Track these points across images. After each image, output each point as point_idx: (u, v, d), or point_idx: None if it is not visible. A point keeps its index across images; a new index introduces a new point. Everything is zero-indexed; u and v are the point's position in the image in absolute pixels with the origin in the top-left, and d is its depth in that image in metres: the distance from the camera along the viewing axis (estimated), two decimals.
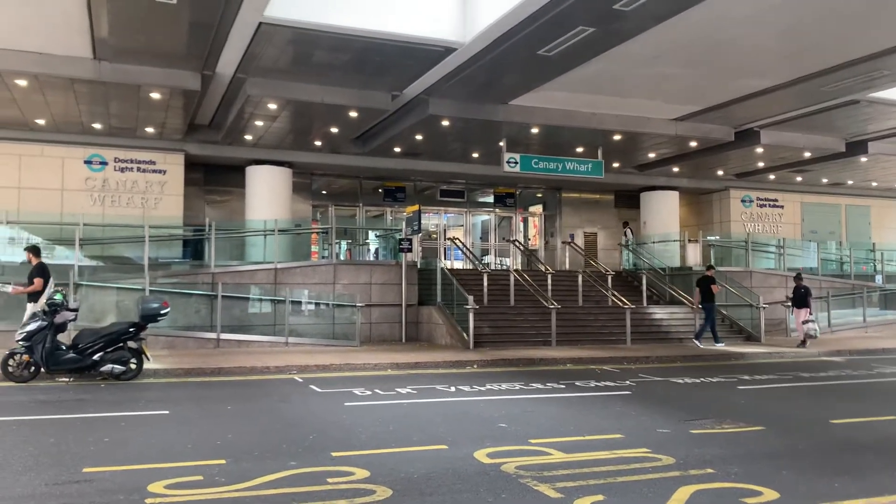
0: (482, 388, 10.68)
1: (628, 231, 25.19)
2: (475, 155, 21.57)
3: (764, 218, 26.98)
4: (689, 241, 23.14)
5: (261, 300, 16.53)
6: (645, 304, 20.01)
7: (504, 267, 24.64)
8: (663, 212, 25.32)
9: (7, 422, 7.79)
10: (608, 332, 17.91)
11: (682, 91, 16.20)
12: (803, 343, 17.21)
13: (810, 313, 17.60)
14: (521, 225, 26.92)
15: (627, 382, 11.61)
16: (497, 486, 5.50)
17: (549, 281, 19.05)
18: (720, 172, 24.59)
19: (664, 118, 18.46)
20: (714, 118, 18.43)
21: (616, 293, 19.28)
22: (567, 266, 24.55)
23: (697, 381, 11.96)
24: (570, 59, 13.52)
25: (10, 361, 10.67)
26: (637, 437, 7.32)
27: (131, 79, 14.58)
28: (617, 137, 19.02)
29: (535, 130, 18.23)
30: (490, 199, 26.18)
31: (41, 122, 17.74)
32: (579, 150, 20.11)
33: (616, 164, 22.50)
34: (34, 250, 12.39)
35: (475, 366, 13.46)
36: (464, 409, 9.06)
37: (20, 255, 16.61)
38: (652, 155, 21.71)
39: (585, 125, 17.96)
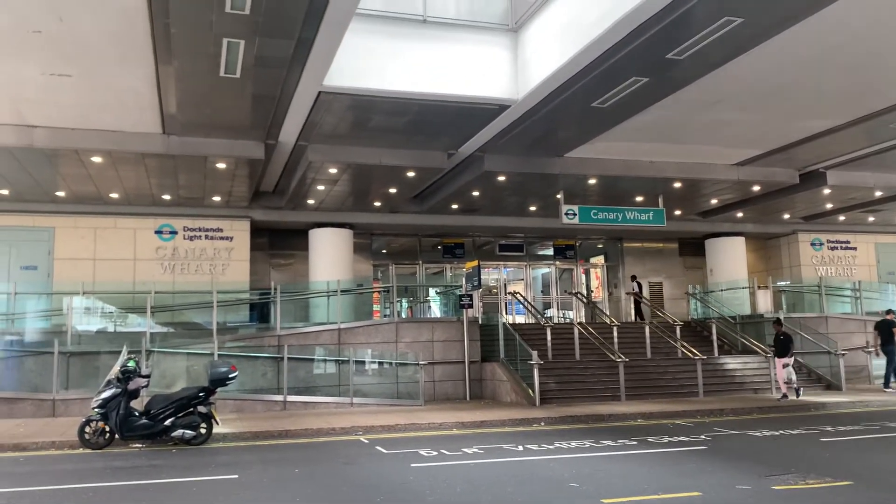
0: (550, 447, 10.43)
1: (635, 285, 24.59)
2: (533, 208, 21.57)
3: (836, 261, 26.01)
4: (759, 287, 22.43)
5: (325, 361, 16.65)
6: (716, 354, 19.38)
7: (567, 320, 24.30)
8: (730, 258, 24.68)
9: (84, 489, 7.96)
10: (679, 384, 17.36)
11: (743, 135, 15.95)
12: (785, 396, 16.10)
13: (785, 366, 16.41)
14: (583, 277, 26.60)
15: (702, 437, 11.17)
16: None
17: (615, 333, 18.66)
18: (787, 216, 23.92)
19: (725, 163, 18.16)
20: (777, 161, 18.02)
21: (685, 344, 18.73)
22: (632, 317, 24.04)
23: (777, 433, 11.43)
24: (624, 109, 13.51)
25: (87, 428, 10.95)
26: (716, 495, 7.00)
27: (198, 151, 15.19)
28: (677, 185, 18.77)
29: (592, 181, 18.15)
30: (550, 251, 26.03)
31: (114, 195, 18.59)
32: (639, 198, 19.91)
33: (678, 212, 22.16)
34: None
35: (542, 423, 13.18)
36: (532, 468, 8.84)
37: (96, 325, 17.33)
38: (714, 201, 21.32)
39: (644, 174, 17.80)
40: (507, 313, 24.48)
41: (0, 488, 7.99)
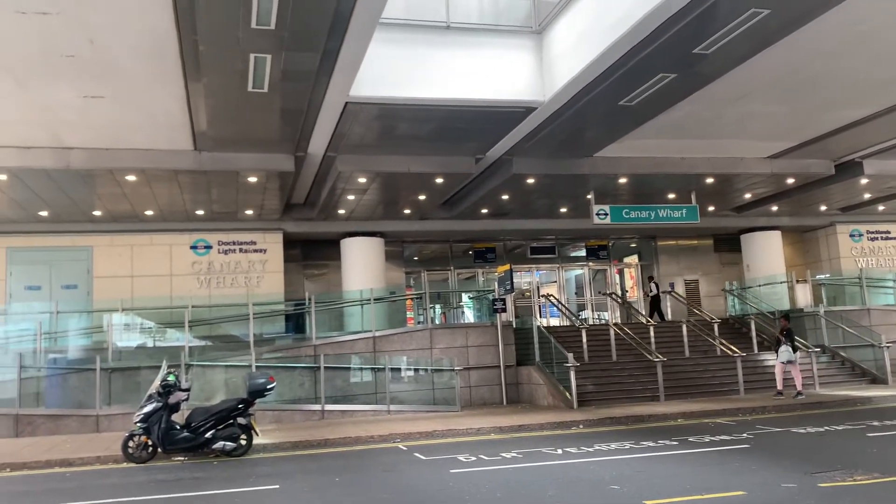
0: (590, 449, 10.34)
1: (653, 286, 24.23)
2: (563, 210, 21.46)
3: (877, 252, 25.42)
4: (798, 281, 22.03)
5: (361, 369, 16.72)
6: (756, 350, 19.07)
7: (602, 321, 24.11)
8: (766, 253, 24.28)
9: (130, 502, 8.09)
10: (718, 382, 17.11)
11: (774, 128, 15.71)
12: (799, 394, 15.52)
13: (788, 361, 15.88)
14: (617, 277, 26.36)
15: (745, 435, 10.99)
16: None
17: (652, 333, 18.47)
18: (823, 208, 23.46)
19: (758, 157, 17.88)
20: (811, 152, 17.70)
21: (724, 341, 18.46)
22: (669, 316, 23.78)
23: (821, 429, 11.20)
24: (652, 106, 13.39)
25: (130, 443, 11.13)
26: (761, 494, 6.88)
27: (230, 166, 15.39)
28: (710, 180, 18.52)
29: (623, 180, 18.00)
30: (582, 252, 25.86)
31: (149, 212, 18.93)
32: (671, 196, 19.69)
33: (711, 208, 21.85)
34: None
35: (581, 426, 13.08)
36: (572, 471, 8.77)
37: (136, 340, 17.63)
38: (748, 195, 20.99)
39: (675, 171, 17.60)
40: (540, 316, 24.37)
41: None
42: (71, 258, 19.42)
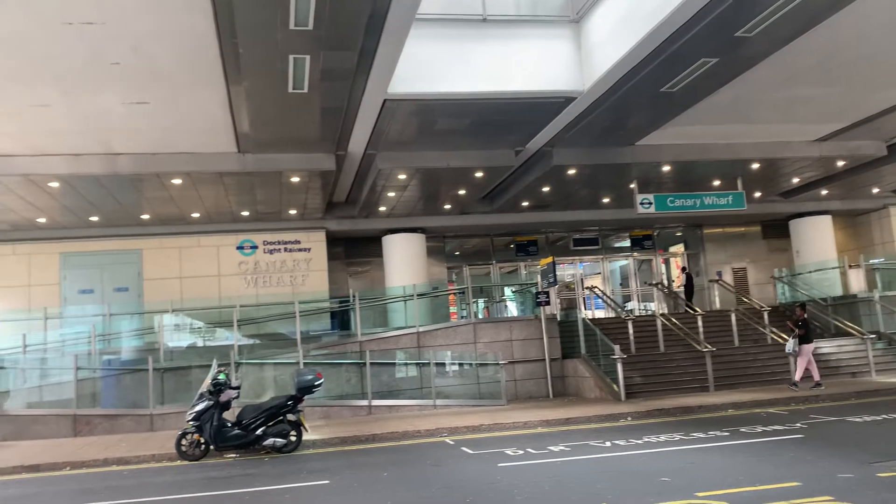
0: (639, 442, 10.22)
1: (685, 276, 23.69)
2: (606, 200, 21.24)
3: None
4: (850, 266, 21.42)
5: (406, 364, 16.81)
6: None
7: (649, 312, 23.81)
8: (816, 238, 23.65)
9: (185, 499, 8.28)
10: (770, 371, 16.76)
11: (822, 110, 15.28)
12: (818, 385, 15.09)
13: (794, 336, 15.46)
14: (663, 267, 26.00)
15: (798, 425, 10.75)
16: None
17: (700, 322, 18.18)
18: (876, 190, 22.76)
19: (805, 140, 17.43)
20: (861, 134, 17.18)
21: (774, 330, 18.07)
22: (717, 305, 23.37)
23: (878, 418, 10.89)
24: (695, 92, 13.15)
25: (183, 441, 11.38)
26: (817, 484, 6.71)
27: (273, 166, 15.59)
28: (756, 166, 18.13)
29: (666, 168, 17.72)
30: (626, 243, 25.55)
31: (196, 215, 19.30)
32: (717, 182, 19.32)
33: (758, 194, 21.38)
34: None
35: (629, 418, 12.94)
36: (621, 464, 8.69)
37: (186, 340, 18.02)
38: (796, 180, 20.48)
39: (720, 157, 17.26)
40: (585, 308, 24.18)
41: (109, 501, 8.39)
42: (122, 261, 19.94)
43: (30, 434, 14.41)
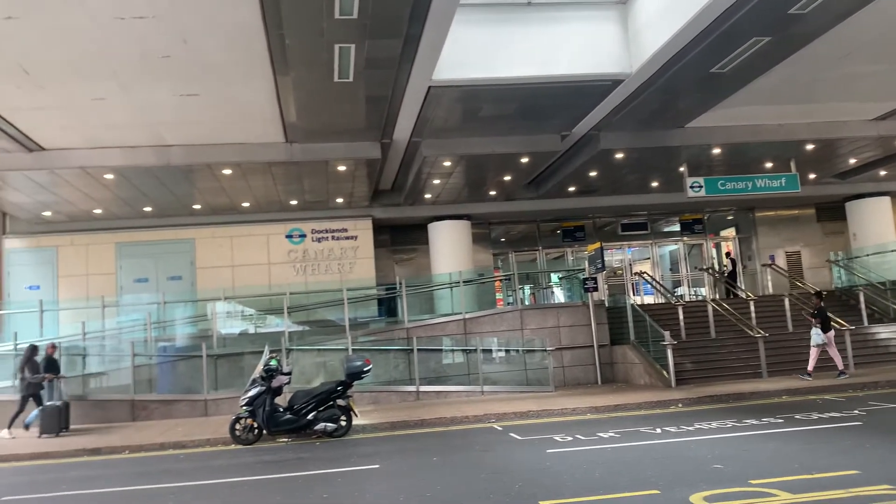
0: (690, 428, 10.09)
1: (729, 263, 23.01)
2: (655, 184, 20.91)
3: None
4: None
5: (453, 351, 16.88)
6: (865, 323, 18.12)
7: (699, 297, 23.42)
8: (875, 221, 22.92)
9: (240, 482, 8.48)
10: (826, 357, 16.26)
11: (879, 88, 14.74)
12: (842, 373, 14.69)
13: (816, 325, 15.00)
14: (714, 251, 25.51)
15: (856, 412, 10.48)
16: None
17: (752, 308, 17.82)
18: None
19: (862, 119, 16.86)
20: None
21: (830, 315, 17.57)
22: (770, 290, 22.86)
23: None
24: (746, 72, 12.82)
25: (237, 426, 11.64)
26: (875, 473, 6.54)
27: (320, 156, 15.76)
28: (810, 147, 17.62)
29: (717, 151, 17.36)
30: (676, 227, 25.13)
31: (246, 204, 19.64)
32: (769, 164, 18.86)
33: (813, 175, 20.79)
34: None
35: (679, 405, 12.78)
36: (672, 450, 8.59)
37: (238, 327, 18.41)
38: (853, 160, 19.84)
39: (773, 138, 16.83)
40: (634, 294, 23.90)
41: (167, 483, 8.65)
42: (175, 251, 20.45)
43: (92, 418, 14.91)
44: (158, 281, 20.26)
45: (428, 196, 20.19)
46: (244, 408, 11.64)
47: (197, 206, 19.52)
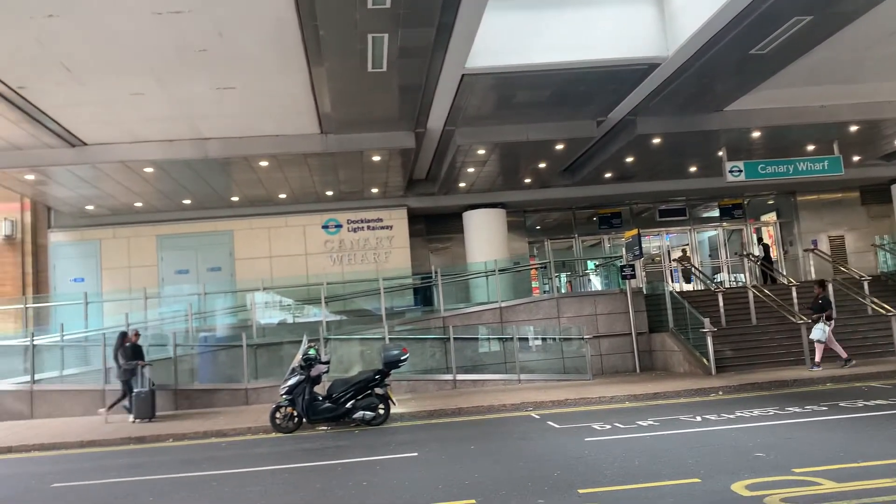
0: (731, 416, 9.96)
1: (761, 248, 22.48)
2: (693, 169, 20.59)
3: None
4: None
5: (489, 339, 16.89)
6: None
7: (739, 283, 23.05)
8: None
9: (282, 469, 8.61)
10: (871, 344, 16.00)
11: None
12: (848, 361, 14.35)
13: (826, 321, 14.59)
14: (754, 237, 25.05)
15: None
16: None
17: (794, 294, 17.48)
18: None
19: None
20: None
21: (875, 300, 17.17)
22: (812, 275, 22.39)
23: None
24: (787, 53, 12.51)
25: (277, 414, 11.81)
26: None
27: (354, 146, 15.83)
28: (854, 128, 17.16)
29: (757, 134, 17.01)
30: (715, 212, 24.72)
31: (283, 195, 19.85)
32: (811, 147, 18.41)
33: (857, 158, 20.25)
34: None
35: (720, 392, 12.62)
36: (713, 439, 8.49)
37: (276, 317, 18.66)
38: None
39: (815, 120, 16.41)
40: (673, 281, 23.61)
41: (210, 471, 8.82)
42: (214, 242, 20.78)
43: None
44: (199, 272, 20.61)
45: (462, 185, 20.16)
46: (284, 396, 11.80)
47: (235, 198, 19.79)
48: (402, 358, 12.18)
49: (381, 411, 11.78)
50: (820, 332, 14.58)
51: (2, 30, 10.14)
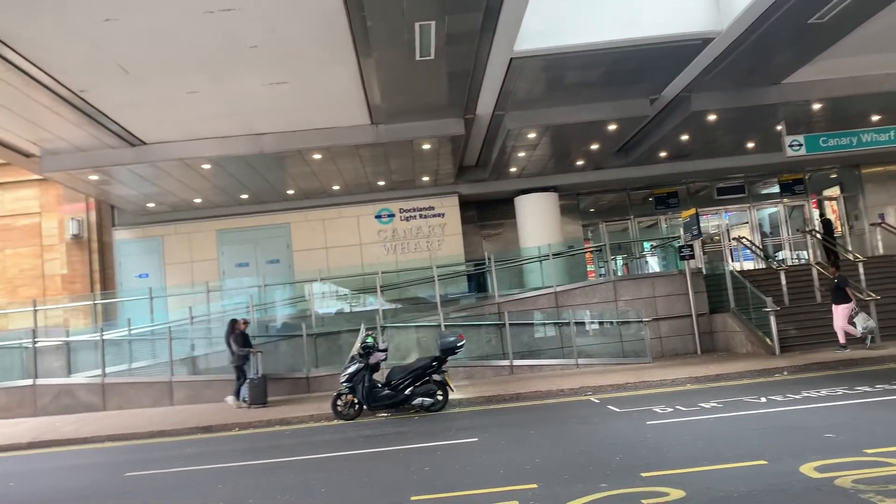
0: (797, 397, 9.72)
1: (821, 223, 21.57)
2: (751, 145, 20.03)
3: None
4: None
5: (545, 325, 16.82)
6: None
7: (802, 261, 22.38)
8: None
9: (345, 456, 8.77)
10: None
11: None
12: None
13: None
14: (817, 212, 24.27)
15: None
16: (834, 503, 4.92)
17: (861, 270, 16.88)
18: None
19: None
20: None
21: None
22: (880, 251, 21.59)
23: None
24: (848, 20, 12.02)
25: (338, 402, 12.02)
26: None
27: (405, 135, 15.90)
28: None
29: (817, 106, 16.43)
30: (775, 189, 24.01)
31: (336, 187, 20.08)
32: (876, 118, 17.72)
33: None
34: None
35: (785, 372, 12.32)
36: (779, 420, 8.30)
37: (334, 307, 18.93)
38: None
39: (878, 89, 15.74)
40: (733, 260, 23.06)
41: (274, 458, 9.04)
42: (272, 235, 21.20)
43: (202, 398, 15.72)
44: (258, 265, 21.07)
45: (513, 169, 20.06)
46: (344, 384, 11.99)
47: (290, 192, 20.12)
48: (459, 344, 12.23)
49: (440, 397, 11.87)
50: (863, 320, 14.20)
51: (63, 36, 10.49)
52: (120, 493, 7.75)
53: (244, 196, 20.02)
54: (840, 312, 14.37)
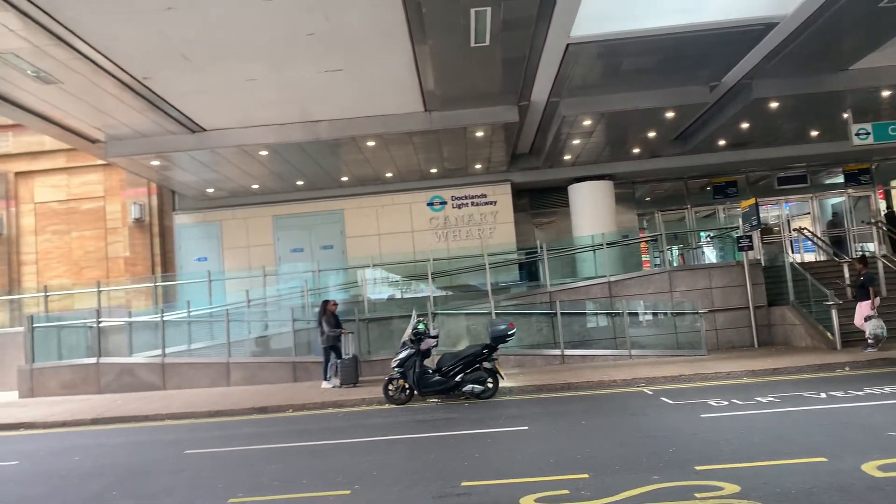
0: (859, 393, 9.43)
1: (884, 216, 20.57)
2: (814, 133, 19.40)
3: None
4: None
5: (597, 315, 16.66)
6: None
7: (868, 253, 21.62)
8: None
9: (397, 440, 8.87)
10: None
11: None
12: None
13: (873, 308, 13.32)
14: (883, 203, 23.40)
15: None
16: None
17: None
18: None
19: None
20: None
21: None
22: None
23: None
24: None
25: (390, 386, 12.16)
26: None
27: (458, 122, 15.88)
28: None
29: (886, 93, 15.79)
30: (839, 178, 23.22)
31: (389, 174, 20.21)
32: None
33: None
34: None
35: (846, 368, 11.96)
36: (839, 416, 8.07)
37: (386, 293, 19.12)
38: None
39: None
40: (793, 252, 22.44)
41: (328, 440, 9.20)
42: (326, 221, 21.49)
43: (258, 379, 16.07)
44: (312, 250, 21.39)
45: (567, 157, 19.85)
46: (396, 369, 12.11)
47: (344, 178, 20.33)
48: (509, 332, 12.21)
49: (490, 385, 11.90)
50: (874, 325, 13.65)
51: (127, 24, 10.77)
52: (180, 469, 8.00)
53: (300, 182, 20.31)
54: (860, 310, 13.94)
